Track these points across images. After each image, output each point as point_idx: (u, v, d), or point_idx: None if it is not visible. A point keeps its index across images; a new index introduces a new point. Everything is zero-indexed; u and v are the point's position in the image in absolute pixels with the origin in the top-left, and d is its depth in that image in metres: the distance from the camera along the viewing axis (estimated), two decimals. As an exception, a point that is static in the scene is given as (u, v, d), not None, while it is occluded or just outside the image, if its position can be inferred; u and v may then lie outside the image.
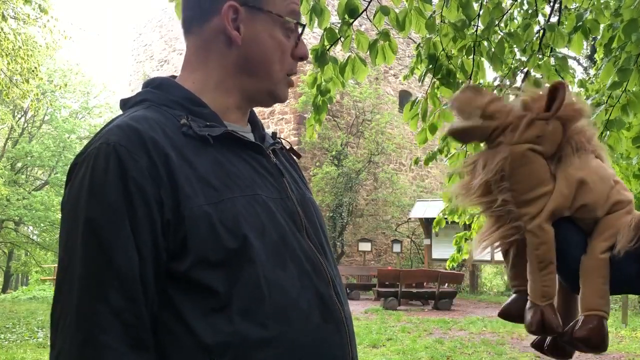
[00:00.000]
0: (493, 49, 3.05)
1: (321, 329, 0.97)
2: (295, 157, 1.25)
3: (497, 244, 0.99)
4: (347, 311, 1.05)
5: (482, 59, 3.12)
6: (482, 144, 1.03)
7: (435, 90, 3.19)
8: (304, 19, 1.13)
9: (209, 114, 1.03)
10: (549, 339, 1.01)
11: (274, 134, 1.19)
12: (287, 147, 1.22)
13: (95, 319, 0.85)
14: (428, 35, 3.05)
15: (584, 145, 0.98)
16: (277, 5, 1.05)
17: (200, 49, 1.07)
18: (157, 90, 1.05)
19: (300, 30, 1.09)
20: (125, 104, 1.06)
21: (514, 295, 1.02)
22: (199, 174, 0.94)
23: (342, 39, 2.88)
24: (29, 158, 23.92)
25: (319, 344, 0.96)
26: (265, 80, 1.07)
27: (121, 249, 0.87)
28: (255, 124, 1.15)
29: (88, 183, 0.90)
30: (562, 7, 3.56)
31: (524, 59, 3.42)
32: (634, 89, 2.68)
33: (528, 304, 0.96)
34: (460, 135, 1.01)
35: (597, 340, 0.91)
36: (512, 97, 1.03)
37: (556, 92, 0.96)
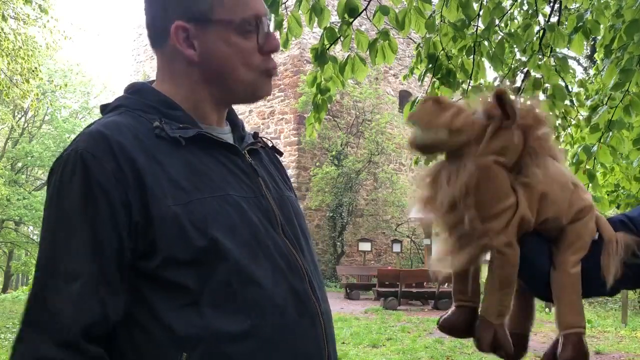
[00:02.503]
0: (493, 49, 3.05)
1: (295, 324, 0.98)
2: (278, 155, 1.26)
3: (465, 264, 0.94)
4: (324, 306, 1.06)
5: (483, 58, 3.12)
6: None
7: (436, 90, 3.19)
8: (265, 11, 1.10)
9: (183, 116, 1.04)
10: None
11: (256, 134, 1.19)
12: (269, 146, 1.22)
13: (32, 316, 0.90)
14: (428, 35, 3.05)
15: (543, 151, 0.94)
16: (227, 10, 1.03)
17: (165, 67, 1.09)
18: (133, 96, 1.07)
19: (260, 25, 1.06)
20: (104, 109, 1.09)
21: (454, 309, 0.98)
22: (169, 175, 0.96)
23: (342, 38, 2.88)
24: (29, 158, 23.92)
25: (293, 338, 0.97)
26: (234, 86, 1.07)
27: (75, 251, 0.91)
28: (235, 125, 1.16)
29: (56, 189, 0.94)
30: (562, 7, 3.56)
31: (524, 59, 3.42)
32: (635, 90, 2.68)
33: (480, 321, 0.93)
34: (426, 150, 0.95)
35: (582, 359, 0.91)
36: (476, 106, 0.96)
37: (502, 99, 0.91)
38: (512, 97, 0.93)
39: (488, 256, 0.96)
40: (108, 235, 0.92)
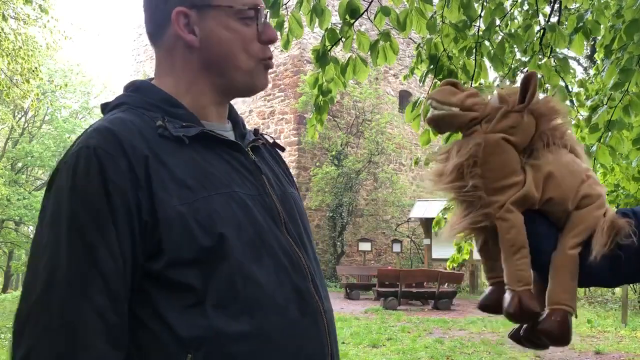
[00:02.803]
0: (494, 50, 3.06)
1: (298, 323, 0.98)
2: (280, 151, 1.26)
3: (467, 230, 1.00)
4: (327, 305, 1.06)
5: (484, 59, 3.13)
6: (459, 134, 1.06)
7: (436, 91, 3.18)
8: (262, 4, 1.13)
9: (186, 114, 1.04)
10: (523, 329, 1.02)
11: (256, 131, 1.19)
12: (271, 142, 1.22)
13: (80, 318, 0.87)
14: (429, 36, 3.05)
15: (556, 140, 1.00)
16: None
17: (165, 59, 1.09)
18: (135, 94, 1.07)
19: (260, 14, 1.08)
20: (105, 107, 1.08)
21: (490, 288, 1.03)
22: (174, 174, 0.96)
23: (343, 39, 2.88)
24: (29, 158, 23.90)
25: (295, 337, 0.98)
26: (234, 73, 1.07)
27: (105, 250, 0.90)
28: (236, 122, 1.16)
29: (70, 186, 0.92)
30: (562, 7, 3.56)
31: (524, 59, 3.43)
32: (635, 90, 2.68)
33: (506, 292, 0.97)
34: (439, 123, 1.02)
35: (559, 334, 0.93)
36: (490, 95, 1.05)
37: (528, 82, 0.98)
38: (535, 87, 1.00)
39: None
40: (125, 236, 0.91)
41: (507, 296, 0.96)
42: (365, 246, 16.43)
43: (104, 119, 1.01)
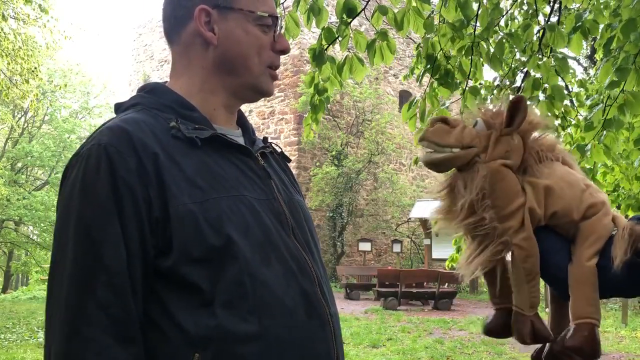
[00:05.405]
0: (492, 50, 3.04)
1: (305, 325, 1.00)
2: (286, 161, 1.29)
3: (487, 262, 1.01)
4: (333, 309, 1.08)
5: (480, 59, 3.11)
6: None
7: (434, 91, 3.18)
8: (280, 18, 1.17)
9: (198, 117, 1.07)
10: (546, 349, 1.02)
11: (265, 139, 1.23)
12: (279, 151, 1.25)
13: (82, 312, 0.89)
14: (426, 36, 3.04)
15: (547, 154, 1.01)
16: (249, 2, 1.10)
17: (182, 56, 1.12)
18: (149, 95, 1.10)
19: (277, 24, 1.12)
20: (119, 107, 1.11)
21: (495, 312, 1.04)
22: (185, 174, 0.98)
23: (340, 38, 2.87)
24: (29, 158, 23.91)
25: (302, 339, 0.99)
26: (244, 74, 1.11)
27: (110, 245, 0.91)
28: (246, 128, 1.19)
29: (80, 182, 0.94)
30: (562, 7, 3.55)
31: (523, 59, 3.41)
32: (633, 89, 2.67)
33: (515, 316, 0.97)
34: (440, 165, 1.03)
35: (589, 349, 0.92)
36: (474, 120, 1.05)
37: (517, 106, 0.99)
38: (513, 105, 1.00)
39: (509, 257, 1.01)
40: (133, 232, 0.93)
41: (519, 322, 0.97)
42: (365, 246, 16.43)
43: (118, 118, 1.03)
